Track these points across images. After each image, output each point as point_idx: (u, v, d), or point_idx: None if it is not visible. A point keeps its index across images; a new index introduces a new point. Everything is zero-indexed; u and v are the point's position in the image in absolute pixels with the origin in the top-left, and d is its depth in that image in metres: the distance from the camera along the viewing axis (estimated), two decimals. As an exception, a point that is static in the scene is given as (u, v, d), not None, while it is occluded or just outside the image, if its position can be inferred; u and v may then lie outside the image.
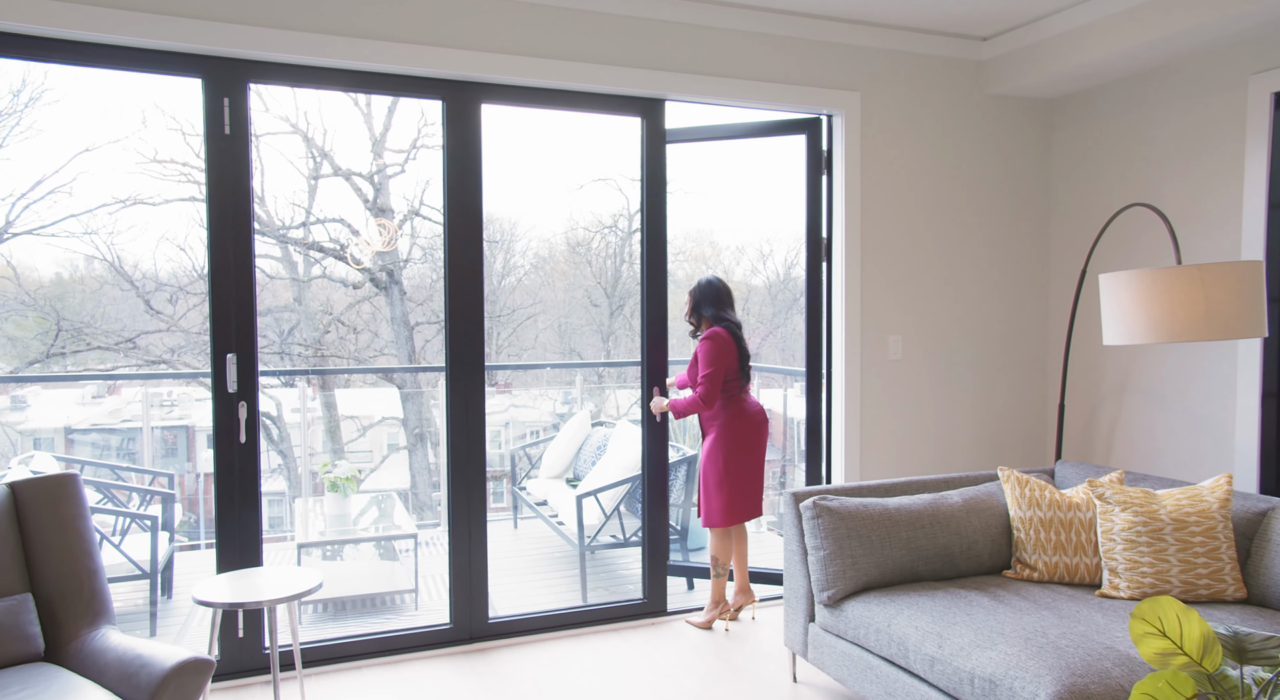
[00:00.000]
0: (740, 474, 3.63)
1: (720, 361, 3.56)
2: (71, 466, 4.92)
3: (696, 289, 3.80)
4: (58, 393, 9.96)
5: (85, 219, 8.79)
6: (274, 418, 10.36)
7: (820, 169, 3.96)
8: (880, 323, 4.02)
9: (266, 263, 10.38)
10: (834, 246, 3.96)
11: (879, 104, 3.98)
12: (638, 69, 3.54)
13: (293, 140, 9.97)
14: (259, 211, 10.03)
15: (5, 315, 8.99)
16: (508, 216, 12.08)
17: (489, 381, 12.70)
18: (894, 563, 2.91)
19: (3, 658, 2.28)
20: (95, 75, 8.66)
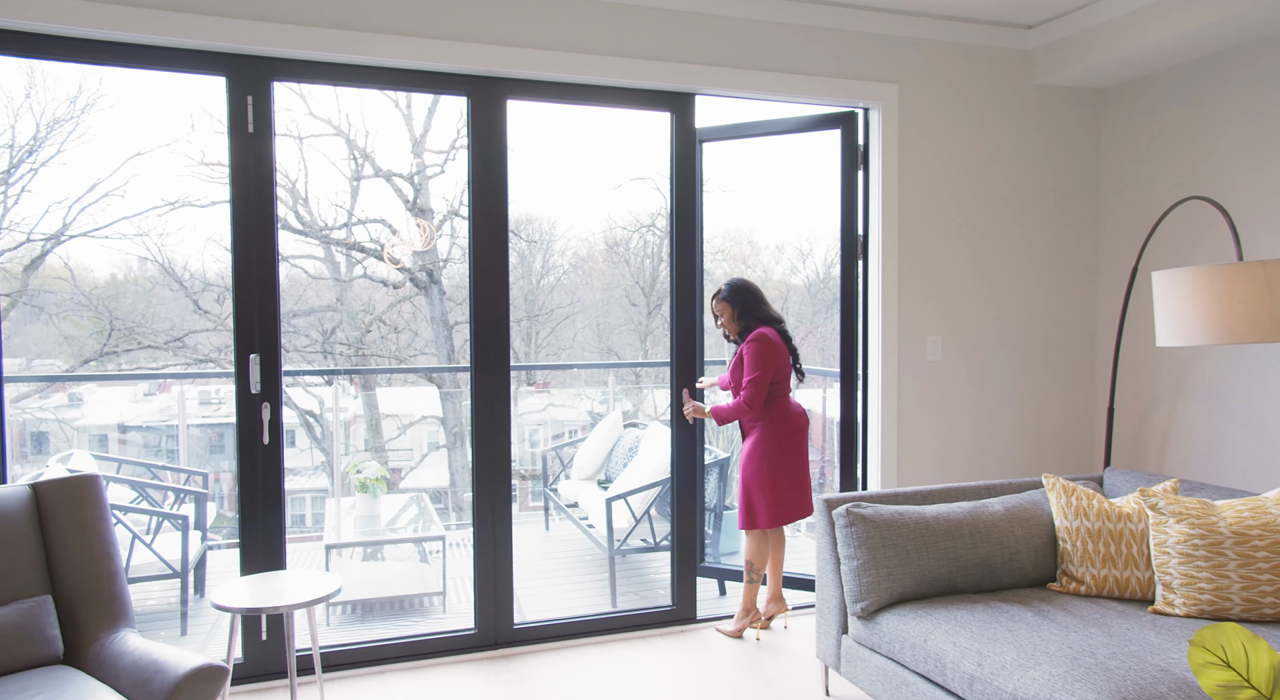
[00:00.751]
0: (784, 476, 3.52)
1: (769, 365, 3.46)
2: (108, 465, 4.97)
3: (732, 295, 3.60)
4: (111, 390, 10.20)
5: (137, 221, 8.99)
6: (316, 416, 10.48)
7: (855, 164, 3.83)
8: (918, 323, 3.87)
9: (310, 263, 10.51)
10: (870, 244, 3.83)
11: (918, 96, 3.84)
12: (666, 63, 3.45)
13: (335, 142, 10.07)
14: (302, 212, 10.16)
15: (63, 315, 9.23)
16: (547, 216, 12.09)
17: (527, 380, 12.66)
18: (931, 574, 2.78)
19: (22, 660, 2.27)
20: (146, 81, 8.87)
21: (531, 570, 4.92)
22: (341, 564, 4.58)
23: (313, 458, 10.79)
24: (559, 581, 4.73)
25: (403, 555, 4.79)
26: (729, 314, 3.61)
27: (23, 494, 2.47)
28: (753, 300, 3.60)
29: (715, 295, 3.66)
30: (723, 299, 3.63)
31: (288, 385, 10.47)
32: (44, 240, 8.82)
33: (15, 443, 8.93)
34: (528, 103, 3.46)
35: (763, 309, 3.60)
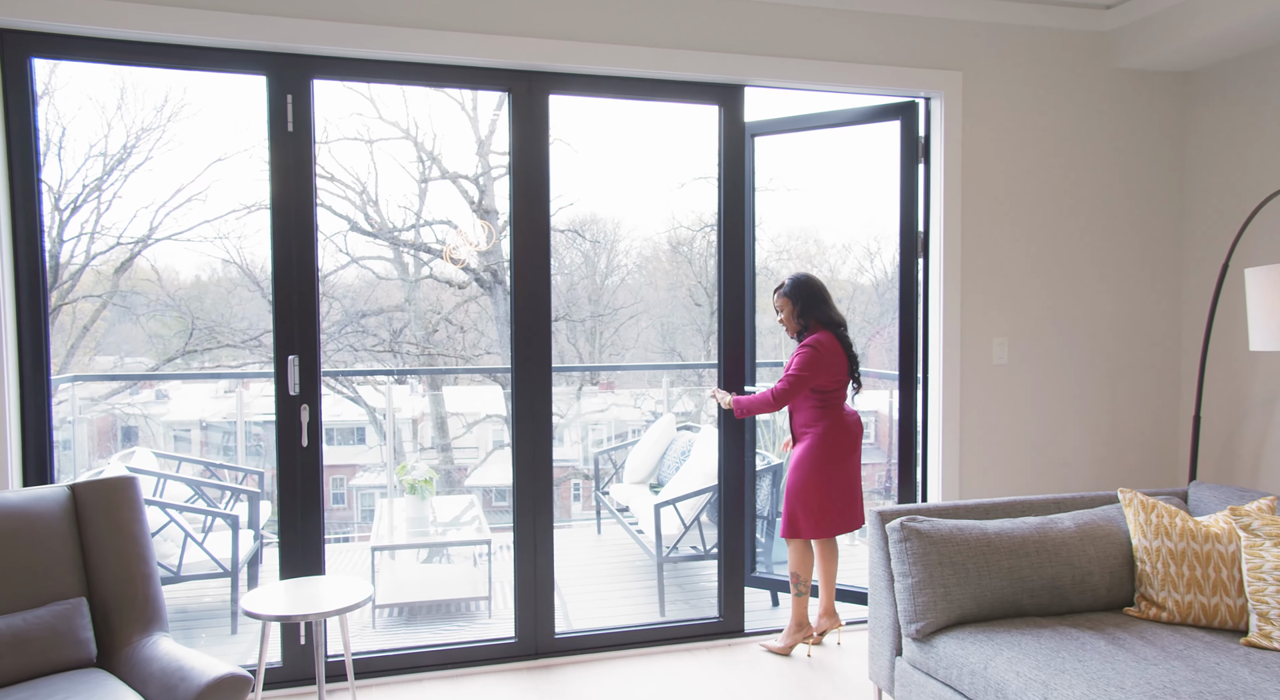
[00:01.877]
0: (834, 483, 3.34)
1: (813, 372, 3.28)
2: (168, 463, 5.07)
3: (793, 291, 3.40)
4: (194, 387, 10.58)
5: (217, 224, 9.32)
6: (385, 414, 10.65)
7: (916, 157, 3.63)
8: (983, 324, 3.65)
9: (378, 264, 10.71)
10: (931, 242, 3.62)
11: (983, 84, 3.62)
12: (714, 53, 3.31)
13: (404, 145, 10.22)
14: (372, 214, 10.33)
15: (151, 315, 9.58)
16: (611, 216, 12.09)
17: (590, 380, 12.60)
18: (993, 594, 2.58)
19: (55, 662, 2.26)
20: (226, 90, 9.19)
21: (582, 575, 4.83)
22: (389, 566, 4.56)
23: (382, 455, 10.98)
24: (609, 587, 4.63)
25: (454, 558, 4.76)
26: (788, 310, 3.42)
27: (61, 495, 2.48)
28: (814, 298, 3.39)
29: (777, 289, 3.47)
30: (784, 294, 3.44)
31: (359, 384, 10.65)
32: (132, 243, 9.18)
33: (106, 437, 9.32)
34: (570, 97, 3.36)
35: (823, 309, 3.39)
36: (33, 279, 2.82)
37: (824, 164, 9.82)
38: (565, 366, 10.86)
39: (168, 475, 4.48)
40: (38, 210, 2.84)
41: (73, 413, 5.16)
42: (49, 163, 8.78)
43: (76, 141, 8.78)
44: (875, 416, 11.03)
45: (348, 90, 9.51)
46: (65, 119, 8.65)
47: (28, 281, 2.81)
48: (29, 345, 2.82)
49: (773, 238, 11.50)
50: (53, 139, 8.73)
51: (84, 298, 9.39)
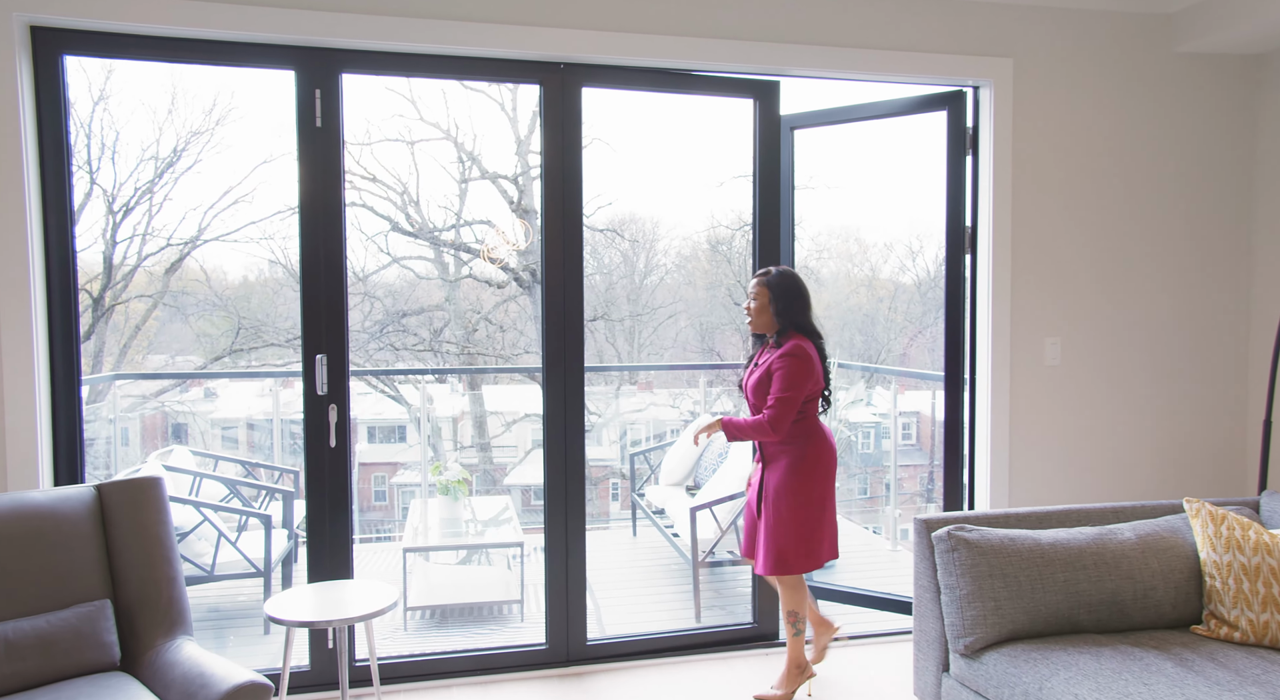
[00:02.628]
0: (820, 511, 2.93)
1: (803, 386, 2.84)
2: (206, 462, 5.09)
3: (780, 284, 2.95)
4: (241, 385, 10.77)
5: (263, 225, 9.46)
6: (421, 413, 10.69)
7: (963, 149, 3.47)
8: (1034, 323, 3.48)
9: (419, 264, 10.77)
10: (979, 236, 3.47)
11: (1035, 71, 3.45)
12: (750, 42, 3.19)
13: (445, 146, 10.26)
14: (413, 215, 10.38)
15: (199, 314, 9.76)
16: (650, 215, 12.03)
17: (629, 380, 12.53)
18: (1048, 609, 2.44)
19: (79, 665, 2.24)
20: (273, 94, 9.33)
21: (617, 578, 4.75)
22: (422, 567, 4.52)
23: (423, 453, 11.04)
24: (644, 591, 4.53)
25: (492, 560, 4.70)
26: (764, 303, 2.95)
27: (88, 495, 2.45)
28: (800, 301, 2.95)
29: (761, 276, 2.99)
30: (766, 284, 2.96)
31: (400, 383, 10.71)
32: (182, 244, 9.35)
33: (157, 434, 9.50)
34: (604, 91, 3.27)
35: (807, 315, 2.96)
36: (64, 279, 2.81)
37: (865, 160, 9.64)
38: (598, 366, 10.80)
39: (204, 474, 4.48)
40: (69, 208, 2.83)
41: (113, 410, 5.21)
42: (104, 166, 8.99)
43: (130, 145, 8.96)
44: (916, 418, 10.81)
45: (389, 92, 9.56)
46: (119, 124, 8.85)
47: (59, 282, 2.80)
48: (60, 345, 2.80)
49: (813, 236, 11.35)
50: (107, 143, 8.92)
51: (136, 298, 9.58)
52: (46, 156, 2.77)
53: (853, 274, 12.06)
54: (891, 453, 5.60)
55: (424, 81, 9.53)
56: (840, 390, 5.21)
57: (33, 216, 2.72)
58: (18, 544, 2.28)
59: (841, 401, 5.15)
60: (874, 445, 9.99)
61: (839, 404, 5.04)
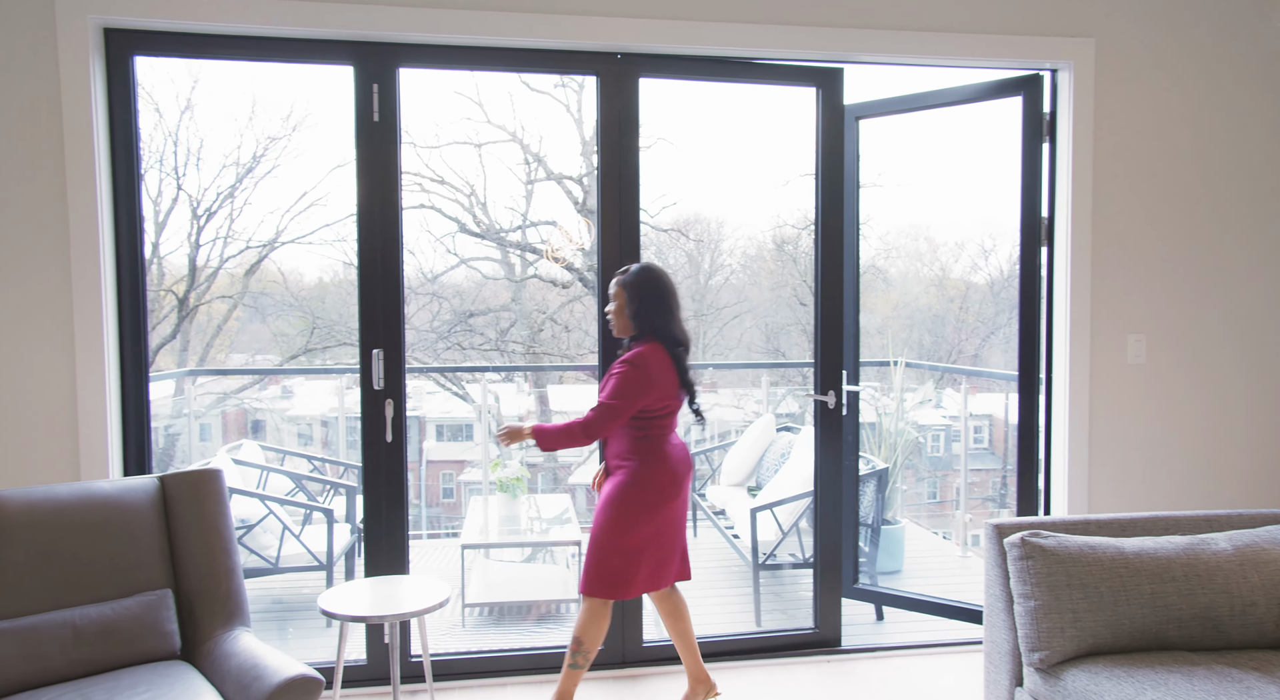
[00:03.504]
0: (648, 540, 2.64)
1: (636, 397, 2.57)
2: (274, 457, 5.19)
3: (635, 283, 2.67)
4: (316, 383, 11.11)
5: (337, 227, 9.74)
6: (483, 411, 10.82)
7: (1040, 136, 3.31)
8: (1116, 319, 3.29)
9: (486, 265, 10.91)
10: (1056, 229, 3.30)
11: (1119, 51, 3.26)
12: (812, 28, 3.09)
13: (511, 148, 10.37)
14: (480, 216, 10.51)
15: (277, 314, 10.09)
16: (715, 215, 11.97)
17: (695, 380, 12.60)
18: (1132, 623, 2.28)
19: (141, 653, 2.27)
20: (347, 99, 9.56)
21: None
22: (481, 564, 4.52)
23: (485, 451, 11.17)
24: (704, 593, 4.45)
25: (552, 558, 4.68)
26: (621, 305, 2.69)
27: (151, 486, 2.49)
28: (657, 301, 2.65)
29: (620, 275, 2.72)
30: (623, 283, 2.68)
31: (467, 381, 10.85)
32: (260, 247, 9.67)
33: (236, 429, 9.84)
34: (663, 81, 3.21)
35: (667, 319, 2.66)
36: (133, 277, 2.87)
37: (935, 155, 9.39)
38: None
39: (271, 468, 4.57)
40: (137, 206, 2.89)
41: (195, 406, 5.35)
42: (189, 172, 9.35)
43: (212, 152, 9.31)
44: (989, 421, 10.46)
45: (457, 95, 9.69)
46: (203, 132, 9.19)
47: (129, 279, 2.86)
48: (129, 341, 2.87)
49: (881, 235, 11.12)
50: (193, 150, 9.28)
51: (218, 298, 9.93)
52: (118, 155, 2.84)
53: (922, 273, 11.78)
54: (961, 456, 5.41)
55: (490, 84, 9.63)
56: (908, 391, 5.05)
57: (104, 214, 2.78)
58: (86, 532, 2.33)
59: (909, 402, 4.98)
60: (944, 448, 9.71)
61: (906, 404, 4.87)
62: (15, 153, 2.71)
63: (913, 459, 7.50)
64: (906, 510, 6.39)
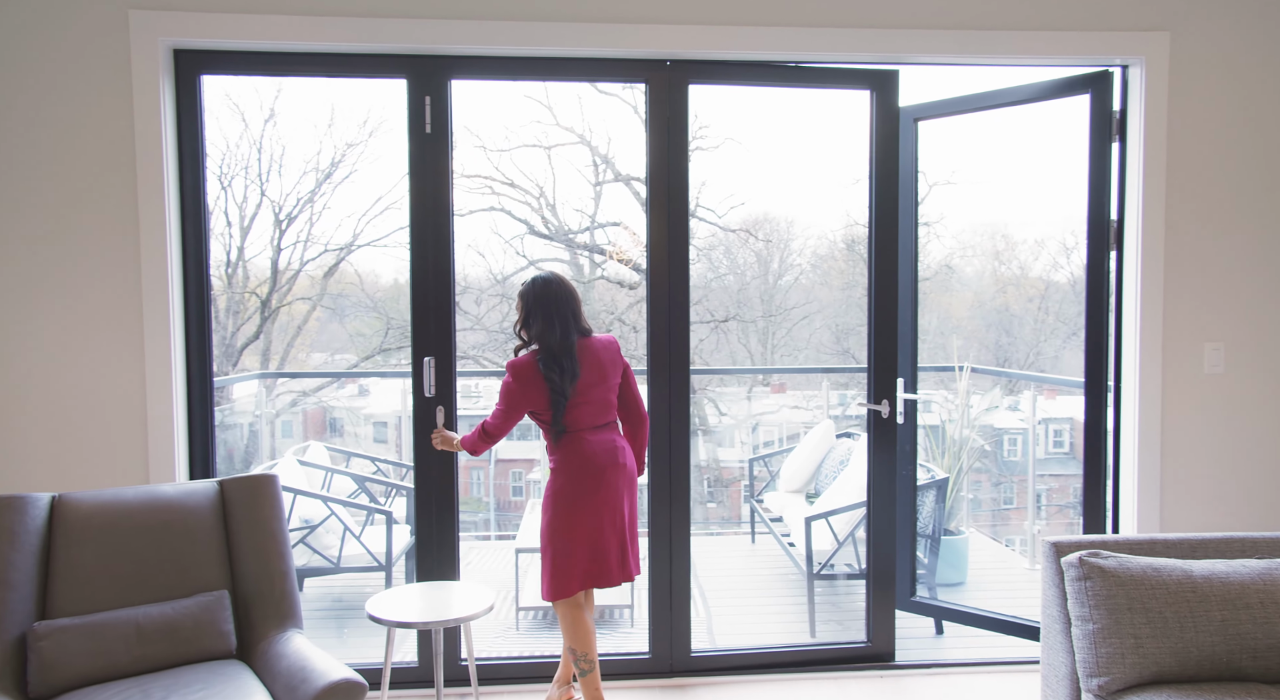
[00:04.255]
0: (574, 539, 2.71)
1: (514, 406, 2.73)
2: (338, 458, 5.34)
3: (525, 288, 2.81)
4: (390, 383, 11.45)
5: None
6: None
7: (1108, 135, 3.17)
8: (1191, 326, 3.13)
9: (555, 266, 11.04)
10: (1125, 231, 3.15)
11: (1195, 46, 3.10)
12: (865, 29, 3.02)
13: (579, 150, 10.46)
14: (549, 218, 10.64)
15: (354, 315, 10.43)
16: (784, 215, 11.87)
17: (762, 382, 12.37)
18: (1201, 651, 2.17)
19: (199, 652, 2.35)
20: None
21: (732, 587, 4.65)
22: (534, 568, 4.56)
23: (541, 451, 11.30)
24: (759, 601, 4.41)
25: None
26: (520, 315, 2.84)
27: (211, 489, 2.59)
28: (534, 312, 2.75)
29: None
30: (520, 294, 2.83)
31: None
32: (338, 250, 9.99)
33: (315, 427, 10.20)
34: (716, 87, 3.19)
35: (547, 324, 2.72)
36: (199, 285, 2.99)
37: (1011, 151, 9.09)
38: (706, 369, 10.72)
39: (335, 469, 4.70)
40: (204, 220, 3.00)
41: (259, 406, 5.56)
42: (272, 179, 9.73)
43: (293, 159, 9.66)
44: (1070, 424, 10.07)
45: (526, 99, 9.82)
46: (285, 139, 9.55)
47: (195, 288, 2.98)
48: (195, 347, 2.99)
49: (955, 233, 10.84)
50: (275, 157, 9.65)
51: (298, 300, 10.29)
52: (185, 169, 2.96)
53: (1000, 272, 11.43)
54: (1030, 463, 5.23)
55: (559, 88, 9.73)
56: (974, 395, 4.90)
57: (171, 226, 2.90)
58: (150, 534, 2.44)
59: (976, 407, 4.83)
60: (1021, 453, 9.40)
61: (973, 410, 4.73)
62: (91, 167, 2.85)
63: (985, 463, 7.27)
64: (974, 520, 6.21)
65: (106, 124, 2.84)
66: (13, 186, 2.82)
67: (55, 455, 2.88)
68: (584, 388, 2.74)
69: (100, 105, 2.83)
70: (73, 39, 2.81)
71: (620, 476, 2.77)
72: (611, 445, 2.78)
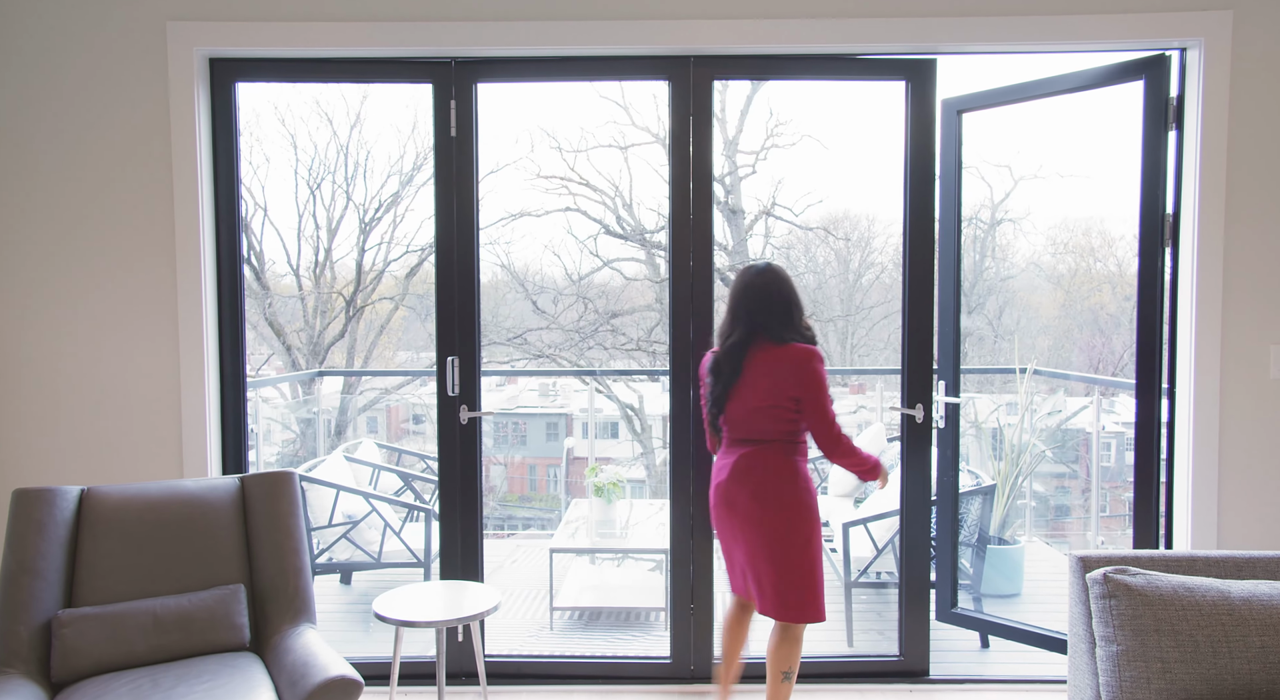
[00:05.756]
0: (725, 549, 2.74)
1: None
2: (391, 456, 5.46)
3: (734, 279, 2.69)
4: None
5: (490, 231, 10.20)
6: (635, 409, 11.03)
7: (1164, 124, 2.96)
8: (1254, 328, 2.90)
9: (629, 266, 11.08)
10: (1181, 227, 2.95)
11: (1261, 25, 2.88)
12: (898, 18, 2.91)
13: (654, 149, 10.49)
14: (624, 217, 10.70)
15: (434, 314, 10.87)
16: (865, 212, 11.67)
17: (840, 382, 12.17)
18: (1236, 679, 2.00)
19: (213, 644, 2.42)
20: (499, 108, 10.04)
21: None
22: (576, 567, 4.57)
23: (632, 449, 11.36)
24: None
25: (657, 565, 4.65)
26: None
27: (233, 485, 2.67)
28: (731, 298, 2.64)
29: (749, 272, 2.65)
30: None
31: (611, 381, 11.10)
32: (419, 251, 10.29)
33: (398, 421, 10.55)
34: (735, 81, 3.13)
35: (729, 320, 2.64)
36: (233, 288, 3.09)
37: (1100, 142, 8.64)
38: None
39: (382, 466, 4.81)
40: (238, 225, 3.10)
41: (317, 403, 5.73)
42: (356, 182, 10.07)
43: (379, 163, 9.99)
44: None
45: (602, 99, 9.88)
46: (370, 143, 9.87)
47: (229, 290, 3.09)
48: (229, 348, 3.09)
49: (1043, 230, 10.41)
50: (360, 162, 9.99)
51: (382, 300, 10.63)
52: (220, 176, 3.06)
53: (1094, 270, 10.91)
54: (1095, 469, 4.96)
55: (637, 87, 9.74)
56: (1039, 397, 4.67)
57: (205, 228, 3.01)
58: (170, 528, 2.53)
59: (1040, 410, 4.61)
60: (1114, 458, 8.92)
61: (1037, 413, 4.51)
62: (128, 172, 2.97)
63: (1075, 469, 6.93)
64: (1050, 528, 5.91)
65: (144, 131, 2.96)
66: (52, 190, 2.97)
67: (93, 450, 3.02)
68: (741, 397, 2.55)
69: (138, 113, 2.96)
70: (112, 49, 2.94)
71: (735, 497, 2.55)
72: (720, 467, 2.62)
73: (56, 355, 3.01)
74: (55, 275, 2.99)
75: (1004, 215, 10.91)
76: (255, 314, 9.97)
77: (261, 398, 10.25)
